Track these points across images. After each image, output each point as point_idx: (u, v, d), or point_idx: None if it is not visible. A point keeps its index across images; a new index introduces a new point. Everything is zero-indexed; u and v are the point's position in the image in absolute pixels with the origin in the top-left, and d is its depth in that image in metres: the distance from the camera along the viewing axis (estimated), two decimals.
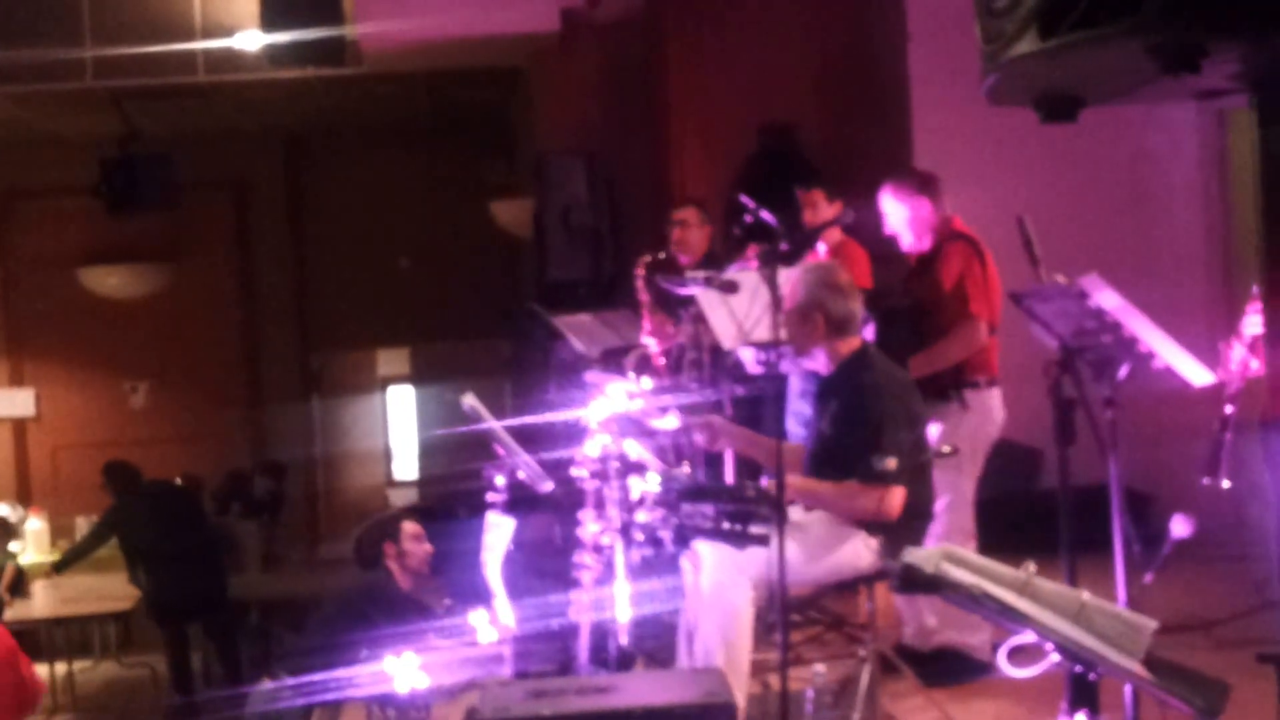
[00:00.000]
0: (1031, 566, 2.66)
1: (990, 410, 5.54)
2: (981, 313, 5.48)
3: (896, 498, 4.55)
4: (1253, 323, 4.21)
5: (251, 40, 9.35)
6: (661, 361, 6.70)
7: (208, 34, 9.59)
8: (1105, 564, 3.80)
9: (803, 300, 4.80)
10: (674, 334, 6.64)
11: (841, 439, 4.69)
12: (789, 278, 5.00)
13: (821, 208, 6.54)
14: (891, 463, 4.45)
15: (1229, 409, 3.59)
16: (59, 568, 10.18)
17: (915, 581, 2.65)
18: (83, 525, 11.54)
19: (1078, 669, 2.66)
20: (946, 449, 4.68)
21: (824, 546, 4.62)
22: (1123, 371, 3.72)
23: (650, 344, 6.72)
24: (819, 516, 4.70)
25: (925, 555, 2.67)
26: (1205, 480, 3.71)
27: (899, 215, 5.72)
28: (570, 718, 3.49)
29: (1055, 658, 2.67)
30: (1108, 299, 3.55)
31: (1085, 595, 2.63)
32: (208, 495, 11.77)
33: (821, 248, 6.35)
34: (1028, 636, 2.66)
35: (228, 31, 9.52)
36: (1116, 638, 2.57)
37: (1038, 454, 7.04)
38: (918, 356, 5.39)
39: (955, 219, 5.70)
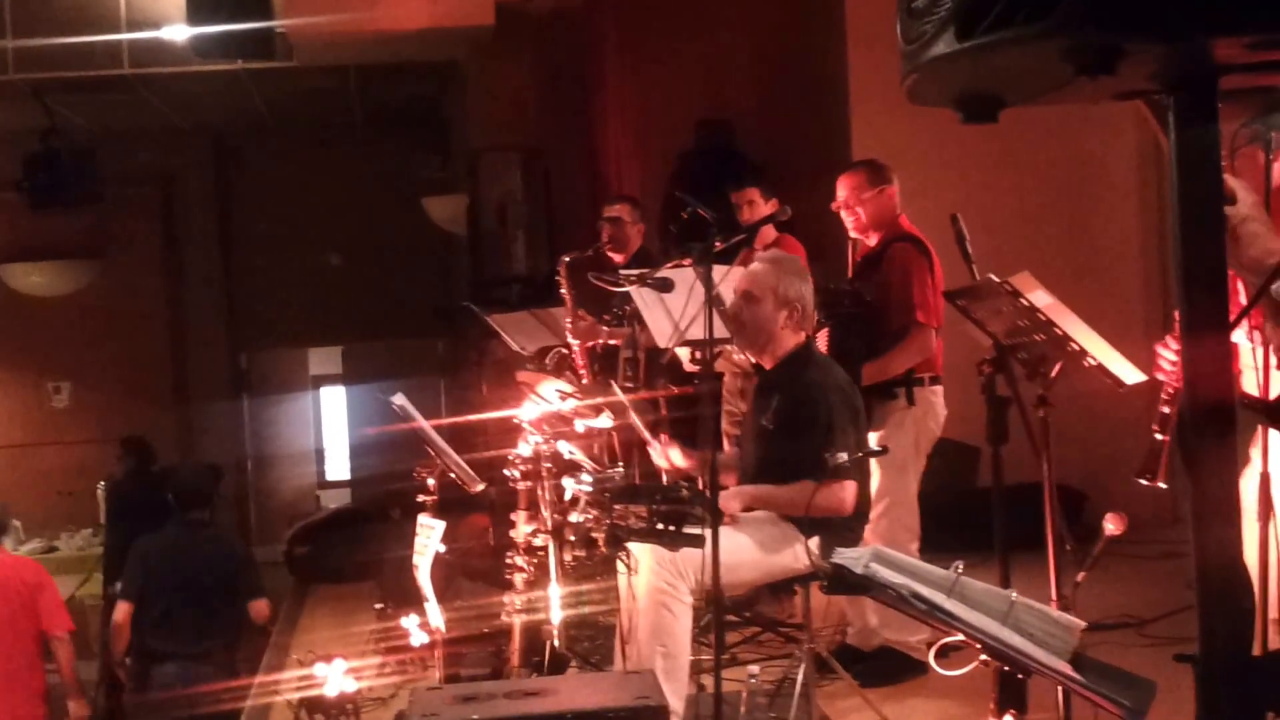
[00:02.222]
0: (960, 566, 2.63)
1: (934, 407, 5.54)
2: (930, 320, 5.48)
3: (849, 491, 4.55)
4: None
5: (178, 32, 9.20)
6: (581, 361, 6.65)
7: (133, 26, 9.43)
8: (1039, 561, 3.80)
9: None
10: (598, 332, 6.59)
11: (787, 436, 4.67)
12: (726, 274, 4.97)
13: (758, 205, 6.52)
14: (844, 457, 4.42)
15: (1165, 410, 3.58)
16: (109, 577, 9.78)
17: (845, 582, 2.62)
18: None
19: (1005, 669, 2.63)
20: (878, 447, 4.67)
21: (759, 547, 4.58)
22: (1055, 370, 3.72)
23: (573, 344, 6.68)
24: (755, 516, 4.67)
25: (855, 556, 2.64)
26: (1142, 481, 3.70)
27: (851, 199, 5.67)
28: None
29: (984, 657, 2.65)
30: (1040, 297, 3.54)
31: (1014, 595, 2.61)
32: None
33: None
34: (958, 636, 2.64)
35: (154, 23, 9.37)
36: (1045, 637, 2.56)
37: (975, 452, 7.06)
38: (869, 365, 5.37)
39: (903, 218, 5.69)
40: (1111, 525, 3.62)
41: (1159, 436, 3.56)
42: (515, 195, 10.39)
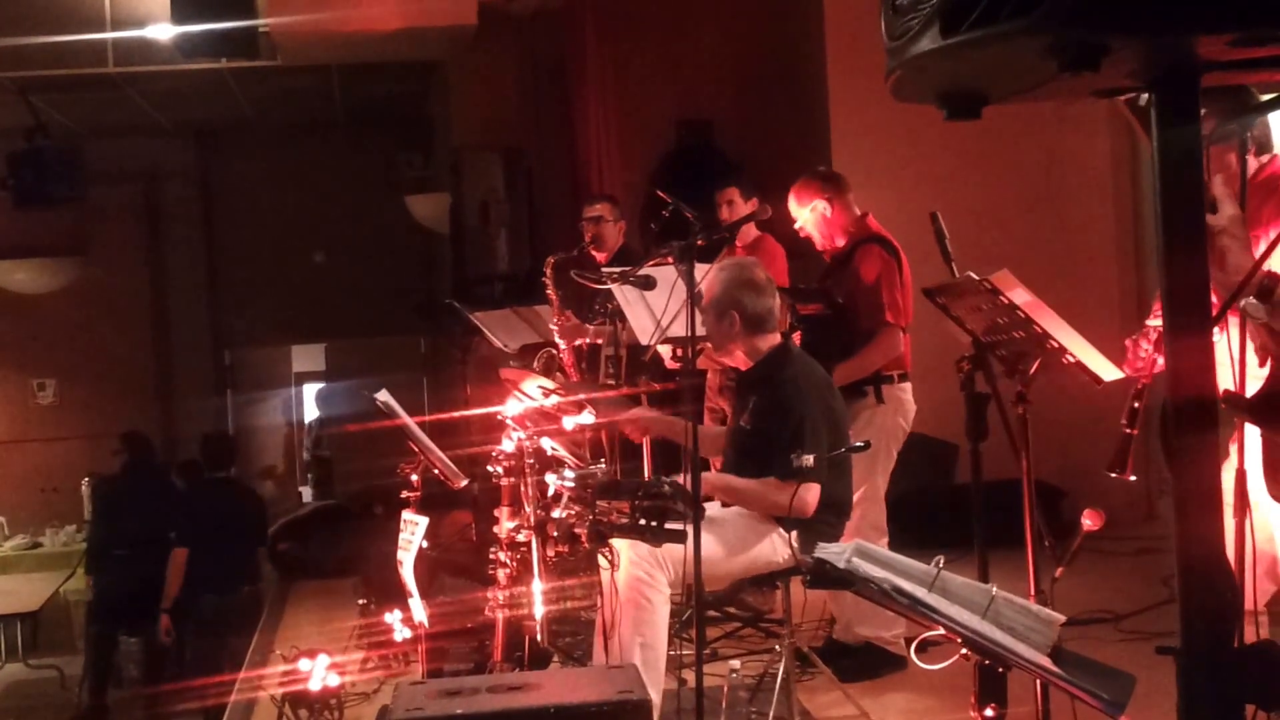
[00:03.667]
0: (941, 561, 2.67)
1: (903, 404, 5.59)
2: (899, 320, 5.53)
3: (812, 494, 4.56)
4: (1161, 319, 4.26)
5: (163, 31, 9.20)
6: (569, 360, 6.68)
7: (118, 24, 9.42)
8: (1018, 558, 3.83)
9: (719, 298, 4.81)
10: (585, 330, 6.61)
11: (761, 435, 4.70)
12: (706, 273, 5.01)
13: (738, 205, 6.57)
14: (809, 459, 4.45)
15: (1136, 404, 3.63)
16: (91, 569, 9.91)
17: (826, 576, 2.66)
18: None
19: (985, 663, 2.67)
20: (860, 443, 4.70)
21: (740, 542, 4.62)
22: (1034, 367, 3.75)
23: (559, 343, 6.70)
24: (735, 512, 4.71)
25: (837, 550, 2.67)
26: (1112, 474, 3.75)
27: (804, 217, 5.74)
28: (482, 716, 3.45)
29: (964, 651, 2.69)
30: (1018, 295, 3.57)
31: (994, 589, 2.65)
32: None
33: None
34: (937, 630, 2.67)
35: (138, 22, 9.36)
36: (1025, 632, 2.59)
37: (953, 449, 7.10)
38: (842, 366, 5.41)
39: (869, 218, 5.72)
40: (1088, 521, 3.66)
41: (1128, 431, 3.60)
42: (497, 193, 10.40)
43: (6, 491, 12.52)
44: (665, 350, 5.75)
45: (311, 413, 16.44)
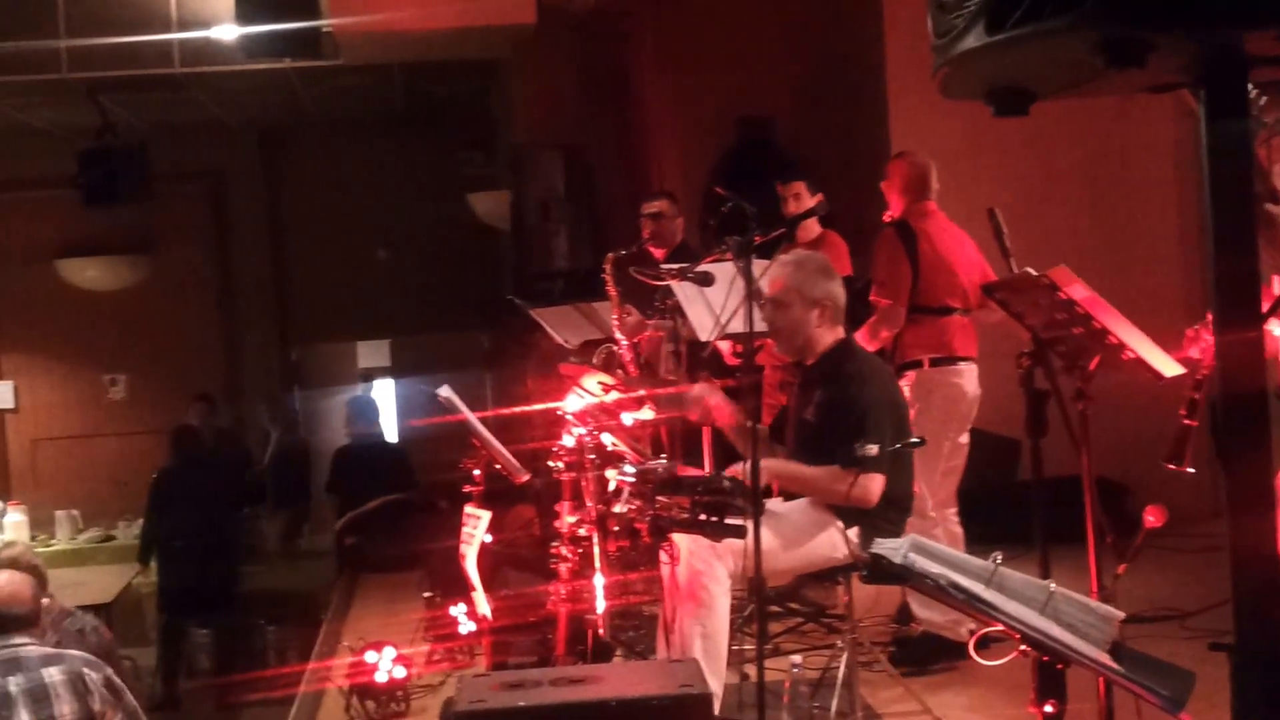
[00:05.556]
0: (999, 557, 2.68)
1: (941, 388, 5.61)
2: (886, 298, 5.59)
3: (876, 484, 4.56)
4: None
5: (227, 32, 9.32)
6: (629, 356, 6.71)
7: (183, 25, 9.55)
8: (1080, 555, 3.82)
9: (784, 292, 4.82)
10: (645, 327, 6.64)
11: (825, 426, 4.71)
12: (766, 269, 5.02)
13: (804, 199, 6.58)
14: (873, 449, 4.45)
15: (1195, 395, 3.61)
16: (144, 559, 10.12)
17: (883, 572, 2.67)
18: (61, 518, 11.52)
19: (1044, 659, 2.67)
20: (915, 440, 4.71)
21: (800, 537, 4.63)
22: (1093, 363, 3.74)
23: (620, 339, 6.73)
24: (795, 507, 4.72)
25: (893, 545, 2.69)
26: (1170, 466, 3.73)
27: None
28: (544, 709, 3.50)
29: (1023, 647, 2.69)
30: (1076, 290, 3.57)
31: (1053, 586, 2.65)
32: None
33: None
34: (997, 626, 2.68)
35: (203, 23, 9.49)
36: (1083, 628, 2.59)
37: (1015, 445, 7.07)
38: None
39: (924, 204, 5.78)
40: (1151, 518, 3.65)
41: (1187, 422, 3.58)
42: (557, 191, 10.43)
43: (80, 485, 12.72)
44: (725, 346, 5.78)
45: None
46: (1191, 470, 3.60)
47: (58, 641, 5.14)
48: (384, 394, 16.09)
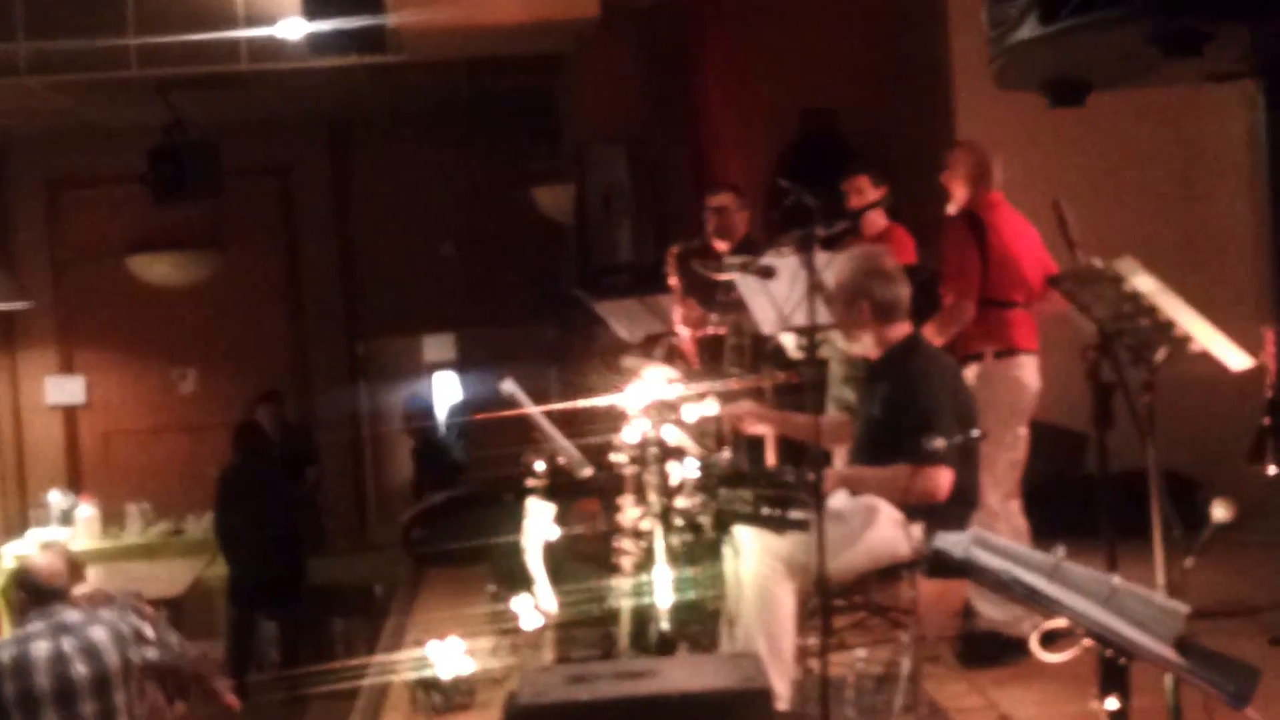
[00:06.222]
0: (1061, 551, 2.65)
1: (1004, 381, 5.56)
2: (955, 293, 5.52)
3: (943, 478, 4.53)
4: None
5: (294, 28, 9.40)
6: (693, 349, 6.71)
7: (251, 22, 9.64)
8: (1148, 549, 3.78)
9: (847, 286, 4.80)
10: (708, 320, 6.64)
11: (890, 422, 4.69)
12: (832, 262, 5.00)
13: (868, 193, 6.55)
14: (940, 443, 4.43)
15: (1272, 395, 3.56)
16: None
17: (945, 566, 2.65)
18: (133, 511, 11.68)
19: (1107, 654, 2.64)
20: (976, 433, 4.67)
21: (865, 531, 4.61)
22: (1160, 355, 3.70)
23: (682, 332, 6.73)
24: (859, 503, 4.70)
25: (955, 540, 2.67)
26: (1252, 467, 3.68)
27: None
28: (606, 703, 3.51)
29: (1087, 642, 2.66)
30: (1142, 282, 3.53)
31: (1116, 580, 2.62)
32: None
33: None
34: (1060, 621, 2.65)
35: (270, 20, 9.56)
36: (1148, 622, 2.56)
37: (1082, 438, 7.00)
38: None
39: (990, 194, 5.72)
40: (1219, 511, 3.60)
41: (1266, 422, 3.53)
42: (620, 184, 10.45)
43: (151, 478, 12.88)
44: (789, 340, 5.76)
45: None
46: (1273, 470, 3.55)
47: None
48: (447, 387, 16.21)
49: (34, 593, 5.11)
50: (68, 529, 11.46)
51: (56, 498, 11.96)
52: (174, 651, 5.46)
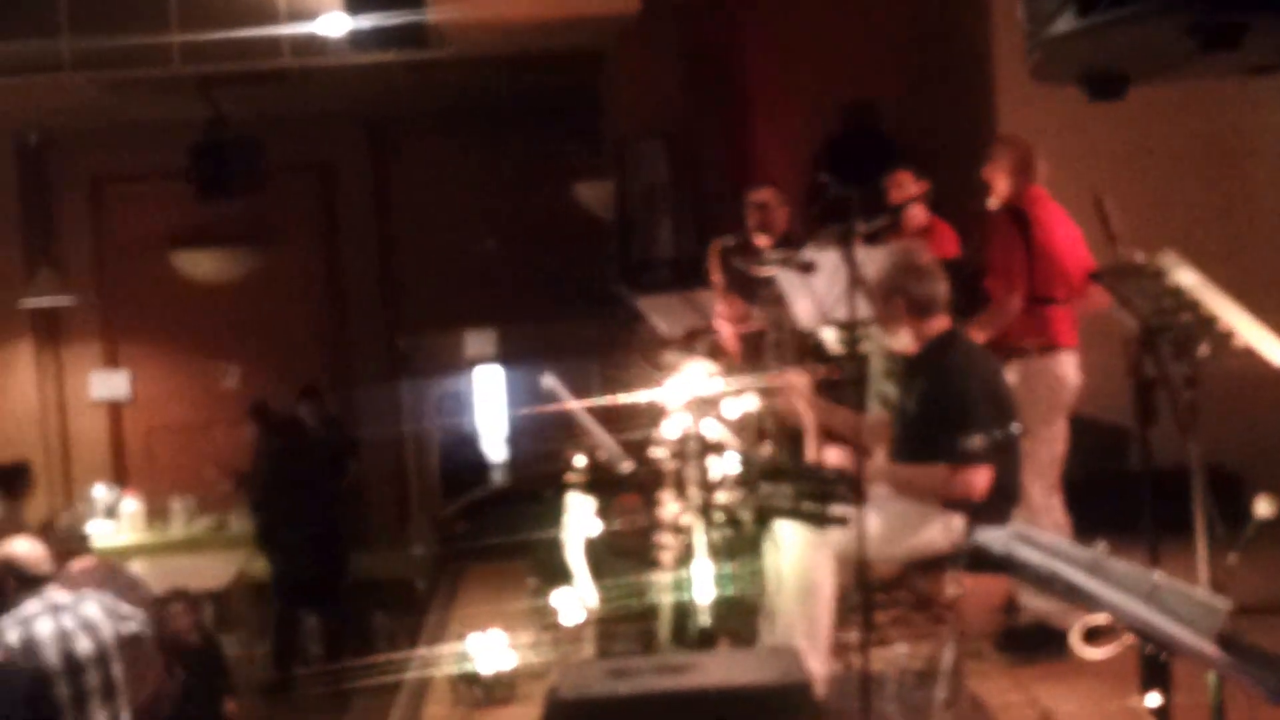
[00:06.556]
0: (1102, 546, 2.64)
1: (1044, 377, 5.54)
2: (1001, 288, 5.48)
3: (981, 476, 4.52)
4: None
5: (335, 25, 9.45)
6: (734, 345, 6.70)
7: (292, 19, 9.70)
8: (1190, 545, 3.76)
9: (883, 283, 4.79)
10: (749, 316, 6.63)
11: (928, 419, 4.67)
12: (873, 257, 4.99)
13: (909, 187, 6.53)
14: (979, 440, 4.41)
15: None
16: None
17: (985, 561, 2.65)
18: (177, 506, 11.77)
19: (1148, 650, 2.63)
20: (1016, 428, 4.65)
21: (904, 526, 4.61)
22: (1203, 350, 3.68)
23: (722, 327, 6.73)
24: (899, 497, 4.69)
25: (995, 535, 2.66)
26: None
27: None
28: (646, 697, 3.52)
29: (1128, 639, 2.65)
30: (1185, 277, 3.51)
31: (1157, 575, 2.61)
32: None
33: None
34: (1101, 617, 2.64)
35: (311, 16, 9.62)
36: (1190, 618, 2.55)
37: (1125, 433, 6.95)
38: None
39: (1031, 188, 5.69)
40: (1263, 507, 3.58)
41: None
42: (661, 180, 10.45)
43: (194, 474, 12.96)
44: (830, 335, 5.75)
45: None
46: None
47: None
48: (489, 382, 16.26)
49: (24, 580, 5.23)
50: (112, 523, 11.57)
51: (101, 492, 12.08)
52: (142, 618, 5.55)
